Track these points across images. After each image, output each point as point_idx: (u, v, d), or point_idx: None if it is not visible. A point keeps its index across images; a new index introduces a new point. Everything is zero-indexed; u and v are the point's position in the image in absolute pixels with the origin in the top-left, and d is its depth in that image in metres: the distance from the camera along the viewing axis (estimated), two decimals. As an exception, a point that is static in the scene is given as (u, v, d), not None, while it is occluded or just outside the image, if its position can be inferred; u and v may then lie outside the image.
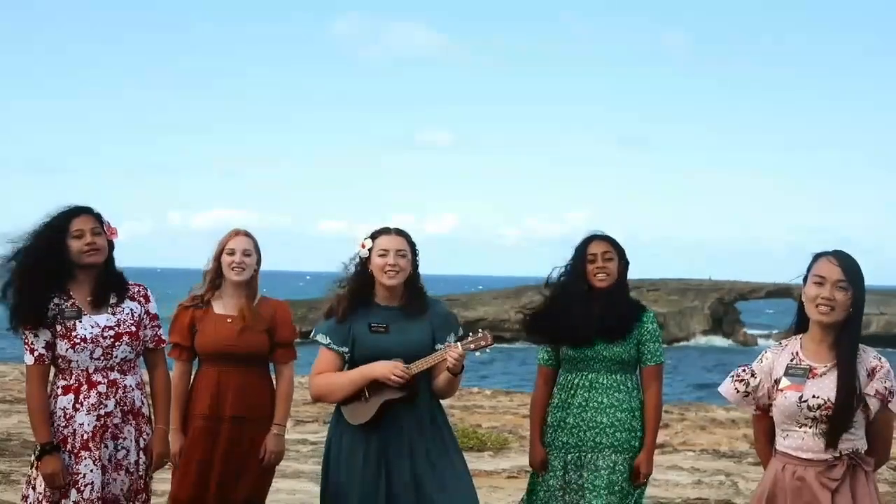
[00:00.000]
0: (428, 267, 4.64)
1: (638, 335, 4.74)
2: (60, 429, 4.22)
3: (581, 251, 4.79)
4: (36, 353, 4.23)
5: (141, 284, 4.49)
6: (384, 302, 4.47)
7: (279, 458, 5.05)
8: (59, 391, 4.25)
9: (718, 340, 47.65)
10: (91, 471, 4.21)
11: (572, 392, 4.74)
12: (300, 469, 8.73)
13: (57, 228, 4.27)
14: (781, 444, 3.69)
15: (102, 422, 4.24)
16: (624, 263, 4.81)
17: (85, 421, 4.22)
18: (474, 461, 8.91)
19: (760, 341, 45.39)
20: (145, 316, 4.42)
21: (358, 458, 4.36)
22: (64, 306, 4.27)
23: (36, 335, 4.23)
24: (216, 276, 5.07)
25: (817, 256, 3.70)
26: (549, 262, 4.92)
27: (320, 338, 4.48)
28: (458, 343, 4.32)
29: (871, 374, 3.62)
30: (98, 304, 4.30)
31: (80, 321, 4.25)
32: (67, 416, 4.23)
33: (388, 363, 4.28)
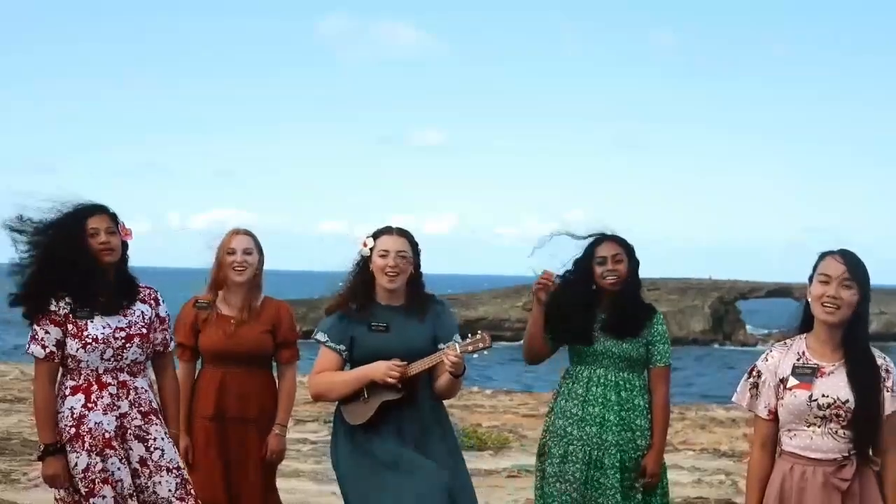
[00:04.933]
0: (427, 266, 4.63)
1: (648, 336, 4.75)
2: (68, 428, 4.19)
3: (589, 252, 4.79)
4: (47, 350, 4.20)
5: (151, 287, 4.46)
6: (385, 301, 4.46)
7: (280, 458, 5.05)
8: (68, 391, 4.22)
9: (718, 341, 47.57)
10: (118, 468, 4.18)
11: (579, 383, 4.74)
12: (300, 468, 8.73)
13: (74, 226, 4.23)
14: (788, 444, 3.67)
15: (120, 422, 4.22)
16: (634, 263, 4.81)
17: (103, 420, 4.19)
18: (474, 460, 8.91)
19: (760, 342, 45.33)
20: (155, 319, 4.40)
21: (357, 459, 4.35)
22: (76, 305, 4.25)
23: (47, 332, 4.19)
24: (219, 276, 5.07)
25: (823, 255, 3.68)
26: (547, 261, 4.91)
27: (319, 336, 4.47)
28: (457, 345, 4.31)
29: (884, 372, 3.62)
30: (110, 305, 4.28)
31: (92, 321, 4.22)
32: (76, 416, 4.19)
33: (384, 363, 4.27)
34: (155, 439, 4.28)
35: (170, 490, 4.27)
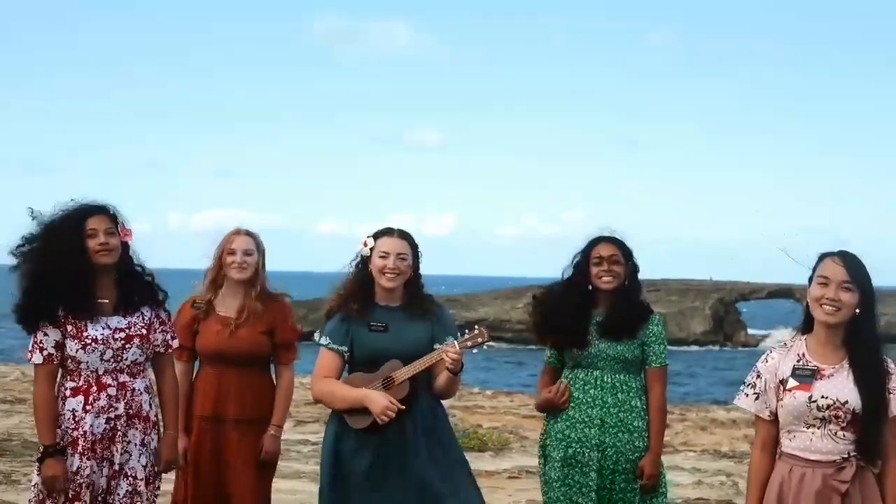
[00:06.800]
0: (426, 267, 4.63)
1: (643, 336, 4.74)
2: (70, 431, 4.19)
3: (586, 253, 4.79)
4: (45, 353, 4.19)
5: None
6: (384, 302, 4.47)
7: (274, 459, 5.04)
8: (68, 393, 4.21)
9: (719, 342, 47.53)
10: (94, 472, 4.18)
11: (575, 386, 4.74)
12: (300, 469, 8.74)
13: (74, 229, 4.21)
14: (788, 445, 3.66)
15: (112, 424, 4.21)
16: (632, 265, 4.80)
17: (94, 423, 4.18)
18: (475, 461, 8.89)
19: (767, 342, 45.34)
20: (155, 320, 4.39)
21: (361, 460, 4.35)
22: (80, 306, 4.21)
23: (46, 334, 4.18)
24: (218, 276, 5.06)
25: (822, 257, 3.67)
26: (547, 261, 4.93)
27: (322, 340, 4.48)
28: (455, 342, 4.32)
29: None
30: (117, 306, 4.27)
31: (92, 322, 4.21)
32: (77, 419, 4.19)
33: (384, 399, 4.26)
34: (129, 442, 4.27)
35: (120, 495, 4.25)
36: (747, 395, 3.75)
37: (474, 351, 4.34)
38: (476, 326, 4.39)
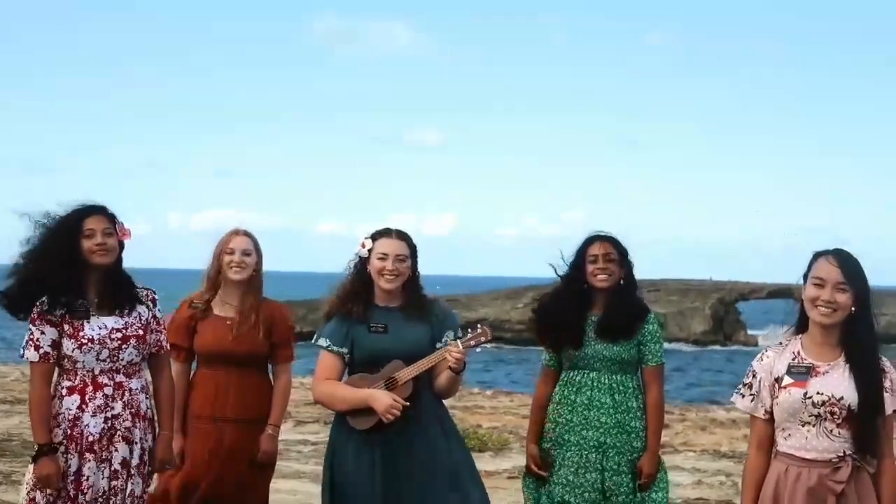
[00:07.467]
0: (426, 268, 4.64)
1: (639, 336, 4.74)
2: (67, 429, 4.20)
3: (582, 251, 4.79)
4: (41, 351, 4.20)
5: (150, 289, 4.46)
6: (383, 303, 4.47)
7: (272, 459, 5.04)
8: (64, 392, 4.22)
9: (719, 342, 47.50)
10: (94, 473, 4.19)
11: (575, 389, 4.74)
12: (301, 469, 8.74)
13: (70, 228, 4.23)
14: (783, 444, 3.65)
15: (110, 424, 4.22)
16: (628, 264, 4.80)
17: (91, 423, 4.19)
18: (475, 461, 8.90)
19: (761, 341, 45.31)
20: (152, 320, 4.40)
21: (364, 461, 4.36)
22: (73, 305, 4.24)
23: (42, 332, 4.19)
24: (216, 277, 5.06)
25: (817, 256, 3.64)
26: (547, 262, 4.92)
27: (321, 342, 4.48)
28: (458, 341, 4.32)
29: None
30: (107, 306, 4.28)
31: (89, 321, 4.22)
32: (73, 418, 4.20)
33: (388, 397, 4.26)
34: (137, 443, 4.28)
35: (137, 494, 4.28)
36: (743, 395, 3.74)
37: (477, 350, 4.35)
38: (479, 325, 4.41)
